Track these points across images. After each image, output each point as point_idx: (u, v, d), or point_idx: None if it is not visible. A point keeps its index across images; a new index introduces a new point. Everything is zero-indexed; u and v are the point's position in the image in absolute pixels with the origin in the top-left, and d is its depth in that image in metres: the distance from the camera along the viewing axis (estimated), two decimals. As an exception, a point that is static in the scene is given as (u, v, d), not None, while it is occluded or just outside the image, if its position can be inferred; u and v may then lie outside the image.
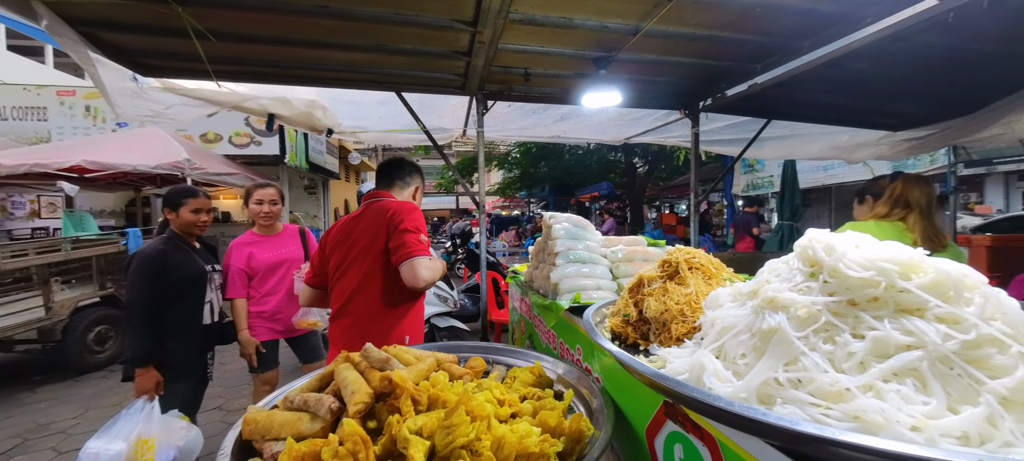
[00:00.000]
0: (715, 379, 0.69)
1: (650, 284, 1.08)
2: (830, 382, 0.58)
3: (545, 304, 1.54)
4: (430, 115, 3.32)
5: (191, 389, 2.50)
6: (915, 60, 2.17)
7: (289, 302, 2.96)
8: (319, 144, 14.14)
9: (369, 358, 1.01)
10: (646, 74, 2.66)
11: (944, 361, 0.55)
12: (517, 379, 1.26)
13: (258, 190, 2.83)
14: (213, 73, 2.05)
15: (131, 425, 2.05)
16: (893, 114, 3.15)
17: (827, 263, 0.67)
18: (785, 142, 4.11)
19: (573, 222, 1.71)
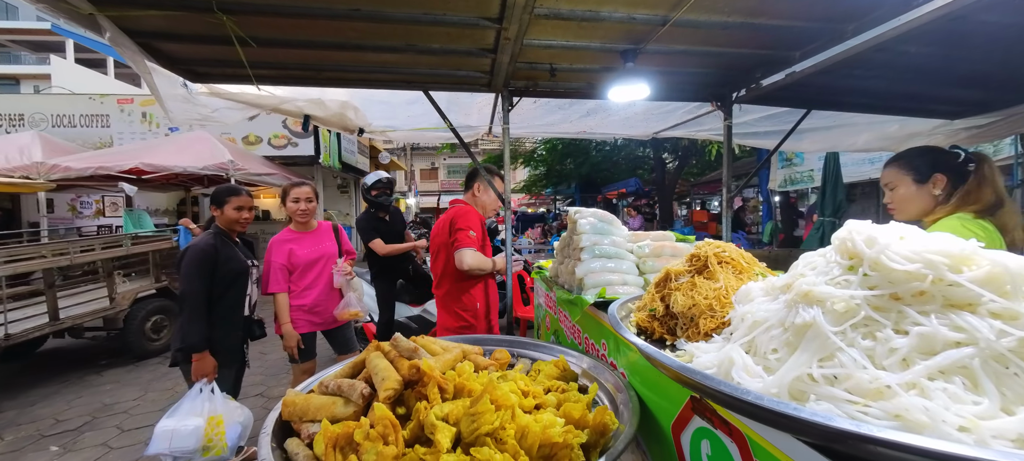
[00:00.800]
0: (745, 374, 0.67)
1: (677, 278, 1.06)
2: (870, 379, 0.55)
3: (570, 299, 1.53)
4: (457, 113, 3.36)
5: (234, 375, 2.67)
6: (975, 42, 1.99)
7: (328, 295, 3.10)
8: (351, 144, 14.63)
9: (398, 347, 1.05)
10: (675, 66, 2.59)
11: (999, 359, 0.51)
12: (542, 372, 1.27)
13: (294, 189, 2.97)
14: (254, 77, 2.16)
15: (201, 405, 2.23)
16: (950, 101, 2.91)
17: (868, 255, 0.63)
18: (827, 133, 3.87)
19: (599, 217, 1.70)
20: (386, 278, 4.49)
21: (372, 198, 4.40)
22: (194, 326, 2.37)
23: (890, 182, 1.71)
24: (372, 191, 4.39)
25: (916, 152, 1.70)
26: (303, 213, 2.97)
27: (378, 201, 4.40)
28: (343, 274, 3.16)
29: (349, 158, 14.56)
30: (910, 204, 1.66)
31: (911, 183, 1.63)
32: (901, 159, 1.70)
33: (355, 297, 3.33)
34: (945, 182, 1.59)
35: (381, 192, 4.43)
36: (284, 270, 2.94)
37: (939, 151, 1.66)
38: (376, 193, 4.40)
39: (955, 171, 1.58)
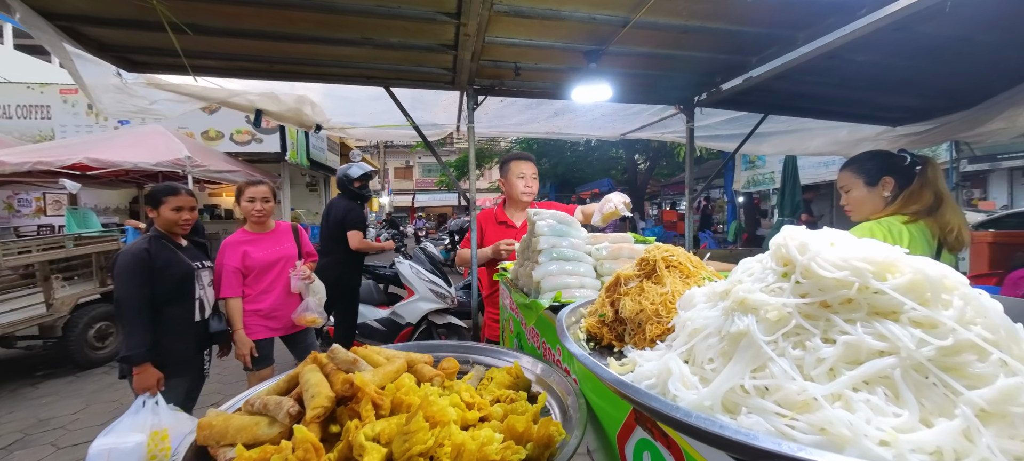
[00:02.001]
0: (681, 385, 0.65)
1: (627, 283, 1.04)
2: (797, 390, 0.54)
3: (526, 303, 1.50)
4: (422, 111, 3.27)
5: (186, 386, 2.50)
6: (914, 51, 2.10)
7: (286, 299, 2.96)
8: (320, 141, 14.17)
9: (336, 359, 0.98)
10: (638, 68, 2.61)
11: (918, 369, 0.51)
12: (494, 380, 1.23)
13: (250, 187, 2.82)
14: (191, 68, 2.01)
15: (143, 419, 2.07)
16: (893, 108, 3.08)
17: (800, 262, 0.62)
18: (785, 137, 4.03)
19: (558, 219, 1.67)
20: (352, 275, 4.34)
21: (356, 190, 4.25)
22: (133, 337, 2.20)
23: (845, 185, 1.81)
24: (356, 182, 4.22)
25: (867, 156, 1.80)
26: (259, 213, 2.82)
27: (362, 194, 4.30)
28: (302, 277, 3.03)
29: (318, 155, 14.09)
30: (863, 205, 1.75)
31: (863, 186, 1.73)
32: (854, 163, 1.79)
33: (315, 301, 3.20)
34: (893, 184, 1.68)
35: (364, 185, 4.33)
36: (237, 273, 2.79)
37: (888, 155, 1.76)
38: (360, 185, 4.24)
39: (902, 174, 1.68)
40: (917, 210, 1.62)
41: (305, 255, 3.18)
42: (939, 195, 1.64)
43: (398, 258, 5.20)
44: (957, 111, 2.92)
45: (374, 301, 5.09)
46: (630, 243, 1.69)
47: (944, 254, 1.67)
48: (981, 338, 0.50)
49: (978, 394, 0.47)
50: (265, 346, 2.90)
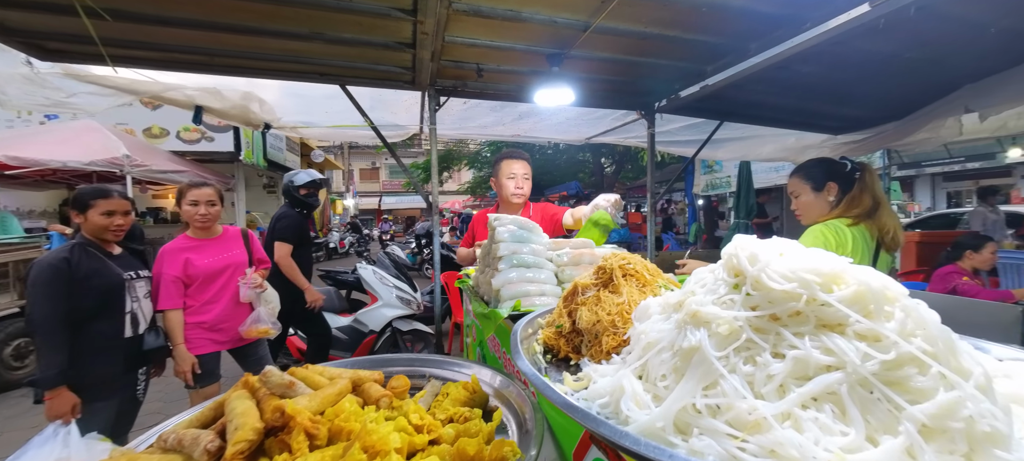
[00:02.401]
0: (634, 404, 0.62)
1: (584, 292, 1.01)
2: (748, 410, 0.52)
3: (485, 312, 1.45)
4: (382, 111, 3.16)
5: (114, 410, 2.25)
6: (852, 65, 2.23)
7: (234, 310, 2.74)
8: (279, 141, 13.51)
9: (269, 383, 0.89)
10: (601, 73, 2.63)
11: (863, 384, 0.50)
12: (450, 396, 1.16)
13: (192, 190, 2.58)
14: (111, 58, 1.82)
15: (47, 452, 1.81)
16: (834, 117, 3.28)
17: (750, 273, 0.61)
18: (739, 144, 4.22)
19: (519, 225, 1.63)
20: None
21: (301, 197, 3.86)
22: (45, 357, 1.95)
23: (794, 191, 1.89)
24: (301, 190, 3.84)
25: (814, 163, 1.89)
26: (203, 218, 2.59)
27: (308, 201, 3.99)
28: (253, 286, 2.82)
29: (276, 155, 13.44)
30: (811, 210, 1.84)
31: (810, 191, 1.82)
32: (802, 170, 1.88)
33: (267, 311, 2.99)
34: (837, 189, 1.77)
35: (311, 193, 4.05)
36: (178, 283, 2.55)
37: (831, 162, 1.86)
38: (306, 193, 3.86)
39: (844, 179, 1.78)
40: (858, 213, 1.73)
41: (257, 262, 2.97)
42: (876, 199, 1.75)
43: (360, 263, 5.00)
44: (889, 122, 3.15)
45: (335, 309, 4.86)
46: (591, 249, 1.68)
47: (882, 254, 1.78)
48: (921, 350, 0.50)
49: (920, 409, 0.46)
50: (210, 361, 2.67)
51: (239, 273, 2.78)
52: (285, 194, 4.09)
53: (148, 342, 2.38)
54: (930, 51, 2.11)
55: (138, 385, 2.40)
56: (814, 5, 1.93)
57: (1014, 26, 1.90)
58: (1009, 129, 4.55)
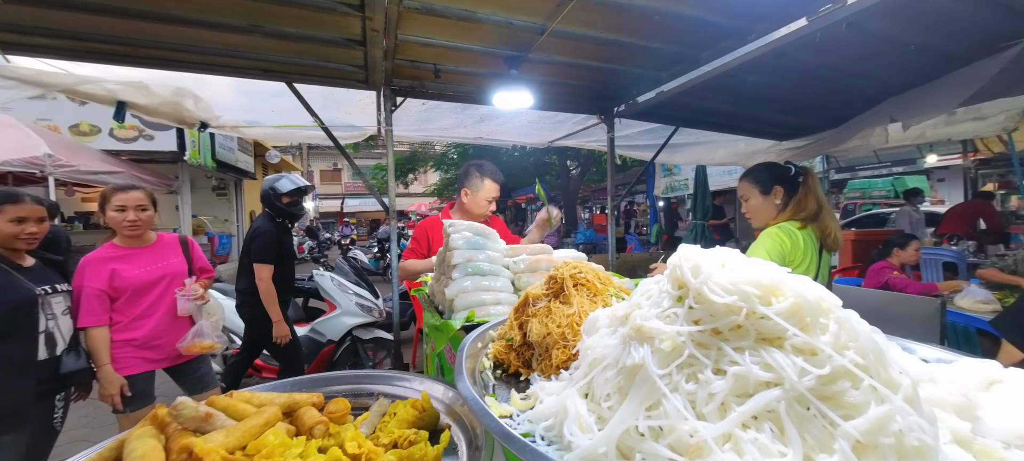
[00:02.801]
0: (577, 428, 0.58)
1: (535, 303, 0.98)
2: (689, 432, 0.50)
3: (437, 324, 1.38)
4: (336, 111, 3.01)
5: (24, 442, 1.97)
6: (793, 75, 2.36)
7: (171, 325, 2.49)
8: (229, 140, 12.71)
9: (181, 417, 0.79)
10: (560, 77, 2.63)
11: (800, 400, 0.49)
12: (397, 416, 1.09)
13: (118, 194, 2.32)
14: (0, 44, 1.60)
15: None
16: (779, 124, 3.47)
17: (693, 286, 0.59)
18: (694, 148, 4.38)
19: (474, 230, 1.58)
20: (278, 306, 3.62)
21: (283, 206, 3.44)
22: None
23: (744, 194, 1.97)
24: (284, 198, 3.43)
25: (761, 167, 1.97)
26: (131, 225, 2.33)
27: (290, 211, 3.46)
28: (193, 298, 2.59)
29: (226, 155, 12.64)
30: (760, 213, 1.92)
31: (759, 195, 1.90)
32: (751, 174, 1.95)
33: (210, 325, 2.76)
34: (782, 193, 1.86)
35: (295, 201, 3.52)
36: (102, 297, 2.28)
37: (777, 166, 1.94)
38: (289, 201, 3.46)
39: (789, 183, 1.87)
40: (805, 216, 1.82)
41: (198, 271, 2.73)
42: (819, 202, 1.86)
43: (317, 270, 4.76)
44: (827, 129, 3.37)
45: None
46: (549, 255, 1.65)
47: (825, 255, 1.88)
48: (854, 364, 0.49)
49: (853, 426, 0.46)
50: (141, 382, 2.41)
51: (176, 284, 2.55)
52: (264, 202, 3.55)
53: (66, 365, 2.13)
54: (860, 65, 2.27)
55: (55, 413, 2.13)
56: (758, 17, 2.02)
57: (930, 44, 2.07)
58: (927, 137, 5.03)
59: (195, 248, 2.77)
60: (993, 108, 3.91)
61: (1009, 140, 4.92)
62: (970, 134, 4.95)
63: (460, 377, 0.72)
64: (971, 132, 4.64)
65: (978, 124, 4.27)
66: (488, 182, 2.43)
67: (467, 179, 2.51)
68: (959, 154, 8.37)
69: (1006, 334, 1.02)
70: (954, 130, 4.46)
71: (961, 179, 10.66)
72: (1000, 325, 1.07)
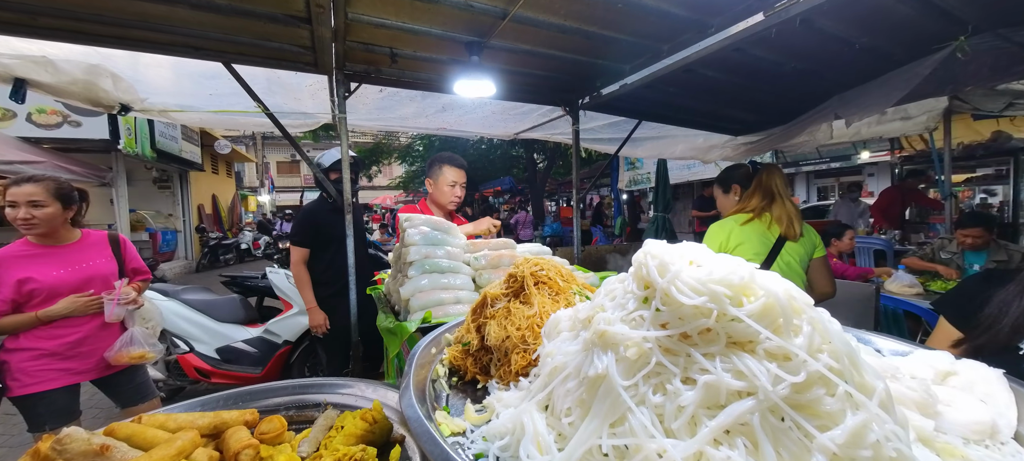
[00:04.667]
0: (534, 448, 0.52)
1: (494, 304, 0.90)
2: (657, 451, 0.45)
3: (390, 327, 1.28)
4: (283, 96, 2.78)
5: None
6: (749, 71, 2.42)
7: (99, 333, 2.21)
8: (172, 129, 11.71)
9: (66, 452, 0.65)
10: (523, 66, 2.56)
11: (774, 411, 0.45)
12: (344, 429, 0.99)
13: (11, 188, 2.01)
14: None
15: None
16: (733, 120, 3.58)
17: (660, 286, 0.54)
18: (656, 142, 4.46)
19: (432, 225, 1.48)
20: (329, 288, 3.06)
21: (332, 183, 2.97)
22: None
23: (714, 194, 2.30)
24: (331, 174, 2.97)
25: (726, 169, 2.27)
26: (26, 224, 2.03)
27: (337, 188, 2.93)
28: (123, 302, 2.32)
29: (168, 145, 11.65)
30: (725, 210, 2.17)
31: (722, 194, 2.21)
32: (718, 177, 2.27)
33: (144, 332, 2.49)
34: (739, 190, 2.10)
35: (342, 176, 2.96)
36: (9, 305, 1.99)
37: (737, 166, 2.23)
38: (336, 177, 2.96)
39: (746, 180, 2.09)
40: (752, 208, 2.00)
41: (131, 273, 2.45)
42: (770, 194, 2.00)
43: (271, 266, 4.46)
44: (778, 125, 3.51)
45: (240, 319, 4.28)
46: (512, 250, 1.59)
47: (788, 244, 1.97)
48: (828, 368, 0.46)
49: (829, 438, 0.42)
50: (62, 397, 2.12)
51: (105, 288, 2.28)
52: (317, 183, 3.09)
53: None
54: (809, 63, 2.36)
55: None
56: (717, 11, 2.03)
57: (872, 45, 2.17)
58: (862, 135, 5.41)
59: (128, 247, 2.49)
60: (917, 109, 4.26)
61: (930, 138, 5.39)
62: (898, 132, 5.39)
63: (405, 392, 0.64)
64: (899, 131, 5.05)
65: (905, 123, 4.65)
66: (446, 168, 2.40)
67: (429, 172, 2.51)
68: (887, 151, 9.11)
69: (945, 314, 1.07)
70: (884, 129, 4.84)
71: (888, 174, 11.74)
72: (940, 307, 1.13)
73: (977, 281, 1.18)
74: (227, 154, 18.25)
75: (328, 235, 2.86)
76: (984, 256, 3.44)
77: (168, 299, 4.07)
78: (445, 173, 2.42)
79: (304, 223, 2.87)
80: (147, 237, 10.82)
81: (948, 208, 5.04)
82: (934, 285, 3.32)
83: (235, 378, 3.92)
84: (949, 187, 5.02)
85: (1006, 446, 0.56)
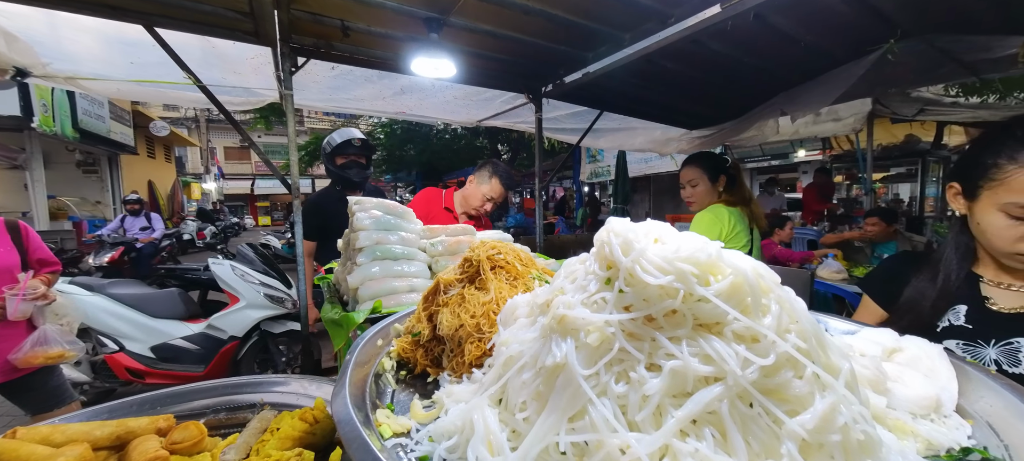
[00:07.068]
0: (485, 449, 0.46)
1: (447, 290, 0.83)
2: (621, 446, 0.40)
3: (335, 318, 1.18)
4: (221, 69, 2.52)
5: None
6: (705, 64, 2.47)
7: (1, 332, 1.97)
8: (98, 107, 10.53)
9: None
10: (485, 48, 2.47)
11: (743, 396, 0.42)
12: (280, 431, 0.89)
13: None
14: None
15: None
16: (689, 114, 3.69)
17: (623, 265, 0.49)
18: (616, 134, 4.52)
19: (386, 209, 1.38)
20: None
21: (336, 169, 2.74)
22: None
23: (693, 179, 2.12)
24: (337, 159, 2.74)
25: (707, 156, 2.18)
26: None
27: (344, 174, 2.74)
28: (30, 297, 2.04)
29: (93, 124, 10.48)
30: (705, 198, 2.09)
31: (708, 181, 2.09)
32: (700, 162, 2.13)
33: (58, 329, 2.21)
34: (724, 181, 2.09)
35: (351, 161, 2.75)
36: None
37: (719, 157, 2.20)
38: (343, 161, 2.74)
39: (729, 173, 2.11)
40: (737, 200, 2.07)
41: (35, 264, 2.17)
42: (749, 191, 2.15)
43: (214, 258, 4.12)
44: (730, 120, 3.65)
45: (179, 314, 3.93)
46: (471, 235, 1.52)
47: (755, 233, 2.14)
48: (796, 349, 0.43)
49: (799, 423, 0.39)
50: None
51: (7, 280, 2.01)
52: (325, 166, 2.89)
53: None
54: (760, 58, 2.44)
55: None
56: (677, 1, 2.04)
57: (816, 43, 2.27)
58: (800, 134, 5.80)
59: (31, 236, 2.20)
60: (847, 111, 4.61)
61: (856, 139, 5.89)
62: (830, 133, 5.88)
63: (339, 391, 0.56)
64: (830, 131, 5.49)
65: (836, 124, 5.04)
66: (495, 182, 2.44)
67: (479, 170, 2.50)
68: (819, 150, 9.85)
69: (870, 292, 1.14)
70: (819, 129, 5.25)
71: (821, 172, 12.75)
72: (865, 285, 1.20)
73: (898, 261, 1.26)
74: (165, 137, 16.77)
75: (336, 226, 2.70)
76: (893, 246, 4.02)
77: (92, 293, 3.69)
78: (491, 185, 2.44)
79: (309, 214, 2.63)
80: (70, 226, 9.72)
81: (867, 203, 5.58)
82: (857, 271, 3.75)
83: (175, 378, 3.63)
84: (870, 183, 5.61)
85: (949, 419, 0.57)
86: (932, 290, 1.02)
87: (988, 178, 0.88)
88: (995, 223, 0.88)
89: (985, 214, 0.90)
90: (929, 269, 1.06)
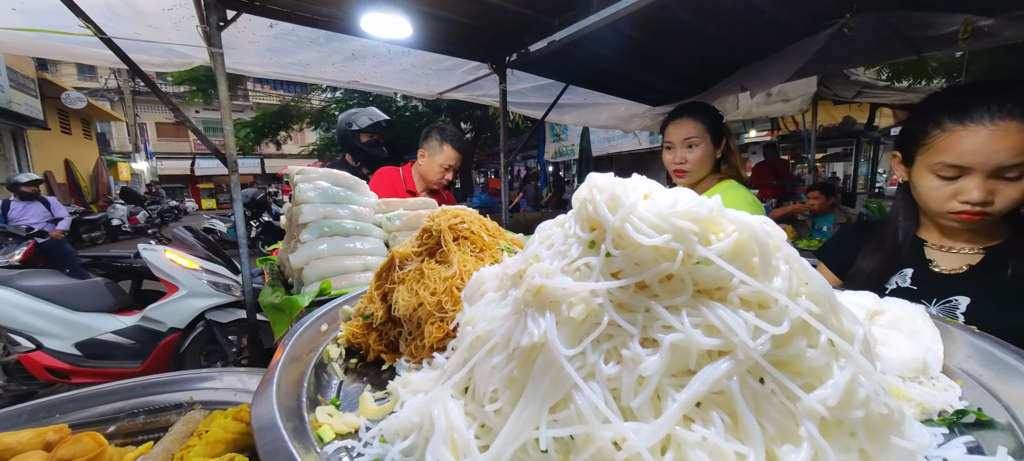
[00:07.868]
0: (447, 451, 0.37)
1: (404, 265, 0.73)
2: (615, 439, 0.33)
3: (276, 303, 1.03)
4: (134, 23, 2.17)
5: None
6: (670, 34, 2.44)
7: None
8: (-5, 74, 9.13)
9: None
10: (444, 9, 2.29)
11: (754, 371, 0.35)
12: (208, 434, 0.76)
13: None
14: None
15: None
16: (653, 89, 3.69)
17: (612, 224, 0.41)
18: (581, 110, 4.47)
19: (334, 179, 1.23)
20: None
21: (361, 146, 2.88)
22: None
23: (692, 137, 1.46)
24: (362, 137, 2.88)
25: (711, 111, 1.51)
26: None
27: (371, 152, 2.90)
28: None
29: (-16, 94, 9.13)
30: (703, 166, 1.50)
31: (710, 144, 1.46)
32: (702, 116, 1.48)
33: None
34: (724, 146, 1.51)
35: (375, 140, 2.94)
36: None
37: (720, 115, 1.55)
38: (367, 139, 2.89)
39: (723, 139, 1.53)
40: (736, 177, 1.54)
41: None
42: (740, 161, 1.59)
43: (146, 243, 3.71)
44: (692, 96, 3.69)
45: (108, 306, 3.52)
46: (433, 209, 1.40)
47: None
48: (809, 313, 0.37)
49: (818, 399, 0.34)
50: None
51: None
52: (342, 143, 2.96)
53: None
54: (725, 30, 2.44)
55: None
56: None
57: (778, 16, 2.29)
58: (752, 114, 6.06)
59: None
60: (795, 92, 4.82)
61: (802, 120, 6.24)
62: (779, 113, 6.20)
63: (264, 391, 0.45)
64: (779, 111, 5.75)
65: (784, 105, 5.26)
66: (447, 148, 2.30)
67: (426, 141, 2.37)
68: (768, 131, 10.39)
69: (825, 261, 1.18)
70: (769, 109, 5.48)
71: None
72: (822, 254, 1.23)
73: (851, 231, 1.32)
74: (82, 110, 14.96)
75: None
76: (831, 218, 4.35)
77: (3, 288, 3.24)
78: (444, 153, 2.30)
79: None
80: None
81: (809, 180, 5.99)
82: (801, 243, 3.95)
83: (106, 376, 3.28)
84: (813, 162, 6.03)
85: (937, 381, 0.55)
86: (881, 255, 1.06)
87: (920, 144, 0.93)
88: (927, 185, 0.93)
89: (920, 178, 0.95)
90: (878, 236, 1.10)
